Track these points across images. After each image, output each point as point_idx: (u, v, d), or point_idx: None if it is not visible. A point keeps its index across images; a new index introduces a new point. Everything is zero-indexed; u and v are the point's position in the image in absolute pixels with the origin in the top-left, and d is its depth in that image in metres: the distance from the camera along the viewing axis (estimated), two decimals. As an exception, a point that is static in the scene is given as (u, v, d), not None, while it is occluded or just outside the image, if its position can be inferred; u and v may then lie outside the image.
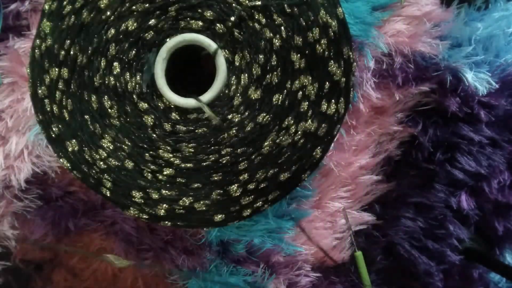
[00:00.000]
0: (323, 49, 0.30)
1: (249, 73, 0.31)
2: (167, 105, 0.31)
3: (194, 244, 0.41)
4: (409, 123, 0.41)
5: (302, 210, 0.41)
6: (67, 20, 0.30)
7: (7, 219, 0.41)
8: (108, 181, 0.31)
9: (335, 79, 0.31)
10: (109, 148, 0.31)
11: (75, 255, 0.42)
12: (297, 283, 0.42)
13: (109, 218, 0.41)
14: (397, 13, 0.39)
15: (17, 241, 0.42)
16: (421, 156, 0.41)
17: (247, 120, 0.31)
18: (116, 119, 0.31)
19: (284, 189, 0.32)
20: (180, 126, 0.31)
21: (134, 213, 0.32)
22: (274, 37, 0.30)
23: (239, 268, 0.41)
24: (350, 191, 0.41)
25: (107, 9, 0.30)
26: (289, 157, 0.31)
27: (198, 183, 0.32)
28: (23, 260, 0.42)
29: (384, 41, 0.38)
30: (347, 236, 0.42)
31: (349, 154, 0.41)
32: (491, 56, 0.39)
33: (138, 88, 0.31)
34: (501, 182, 0.41)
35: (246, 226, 0.40)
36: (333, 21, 0.30)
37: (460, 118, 0.40)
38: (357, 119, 0.40)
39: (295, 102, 0.31)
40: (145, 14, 0.30)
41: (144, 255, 0.42)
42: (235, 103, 0.31)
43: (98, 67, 0.31)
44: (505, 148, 0.41)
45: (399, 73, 0.39)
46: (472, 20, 0.39)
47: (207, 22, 0.31)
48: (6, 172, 0.40)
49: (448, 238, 0.42)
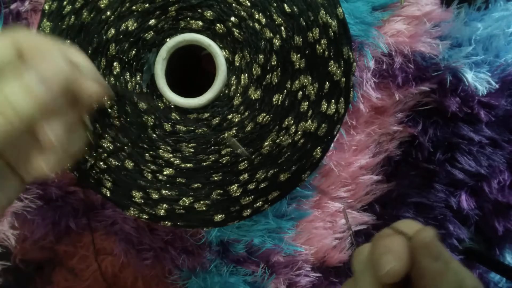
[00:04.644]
0: (323, 49, 0.30)
1: (249, 73, 0.31)
2: (167, 105, 0.31)
3: (194, 244, 0.41)
4: (409, 123, 0.41)
5: (302, 210, 0.41)
6: (67, 20, 0.30)
7: (7, 219, 0.41)
8: (108, 181, 0.31)
9: (335, 79, 0.31)
10: (109, 148, 0.31)
11: (75, 255, 0.42)
12: (297, 283, 0.42)
13: (109, 218, 0.41)
14: (397, 13, 0.39)
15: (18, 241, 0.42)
16: (421, 156, 0.41)
17: (247, 120, 0.31)
18: (116, 119, 0.31)
19: (284, 189, 0.32)
20: (180, 126, 0.31)
21: (134, 213, 0.32)
22: (274, 37, 0.30)
23: (239, 268, 0.41)
24: (350, 191, 0.41)
25: (107, 9, 0.30)
26: (289, 157, 0.31)
27: (198, 183, 0.32)
28: (23, 260, 0.42)
29: (384, 41, 0.38)
30: (347, 236, 0.42)
31: (349, 154, 0.41)
32: (491, 56, 0.39)
33: (138, 88, 0.31)
34: (501, 182, 0.41)
35: (246, 226, 0.40)
36: (333, 21, 0.30)
37: (460, 118, 0.40)
38: (357, 119, 0.40)
39: (295, 102, 0.31)
40: (145, 14, 0.30)
41: (144, 255, 0.41)
42: (235, 103, 0.31)
43: (98, 67, 0.31)
44: (505, 148, 0.41)
45: (399, 73, 0.39)
46: (472, 20, 0.39)
47: (207, 22, 0.31)
48: (6, 172, 0.40)
49: (448, 238, 0.42)
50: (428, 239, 0.20)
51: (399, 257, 0.20)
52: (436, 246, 0.20)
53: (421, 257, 0.20)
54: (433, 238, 0.20)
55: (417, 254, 0.20)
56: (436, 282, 0.19)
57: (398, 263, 0.20)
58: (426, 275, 0.20)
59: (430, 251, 0.19)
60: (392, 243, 0.21)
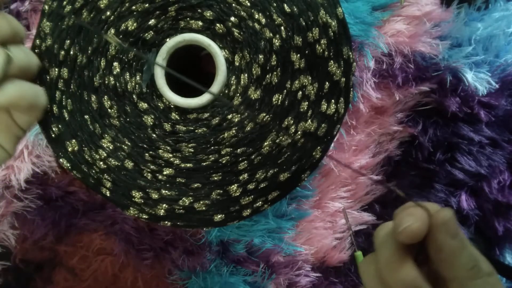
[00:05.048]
0: (323, 49, 0.30)
1: (249, 73, 0.31)
2: (167, 105, 0.31)
3: (194, 244, 0.41)
4: (409, 123, 0.41)
5: (302, 210, 0.41)
6: (67, 20, 0.30)
7: (7, 219, 0.41)
8: (108, 181, 0.31)
9: (335, 79, 0.31)
10: (109, 148, 0.31)
11: (75, 255, 0.42)
12: (297, 283, 0.42)
13: (109, 218, 0.41)
14: (397, 13, 0.39)
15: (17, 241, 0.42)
16: (421, 156, 0.41)
17: (247, 120, 0.31)
18: (116, 119, 0.31)
19: (284, 189, 0.32)
20: (180, 126, 0.31)
21: (134, 213, 0.32)
22: (274, 37, 0.30)
23: (239, 268, 0.41)
24: (350, 191, 0.41)
25: (107, 9, 0.30)
26: (289, 157, 0.31)
27: (198, 183, 0.32)
28: (23, 260, 0.42)
29: (384, 41, 0.38)
30: (347, 236, 0.42)
31: (349, 154, 0.41)
32: (491, 56, 0.39)
33: (138, 88, 0.31)
34: (501, 182, 0.41)
35: (246, 226, 0.40)
36: (333, 21, 0.30)
37: (460, 118, 0.40)
38: (357, 119, 0.40)
39: (295, 102, 0.31)
40: (145, 14, 0.30)
41: (144, 255, 0.41)
42: (235, 103, 0.31)
43: (98, 67, 0.31)
44: (505, 148, 0.41)
45: (399, 73, 0.39)
46: (472, 20, 0.39)
47: (207, 22, 0.31)
48: (6, 172, 0.40)
49: (448, 238, 0.42)
50: (448, 217, 0.21)
51: (419, 219, 0.21)
52: (455, 225, 0.21)
53: (440, 233, 0.21)
54: (453, 217, 0.21)
55: (436, 230, 0.21)
56: (452, 258, 0.21)
57: (417, 222, 0.21)
58: (444, 250, 0.21)
59: (449, 228, 0.21)
60: (414, 209, 0.22)
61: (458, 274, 0.21)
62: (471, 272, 0.21)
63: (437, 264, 0.21)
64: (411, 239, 0.21)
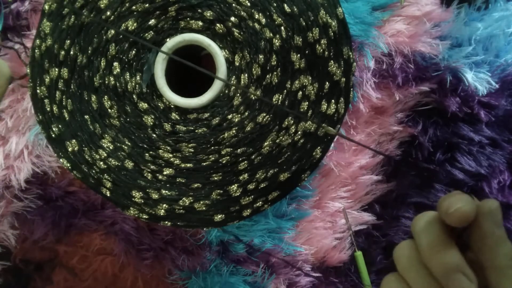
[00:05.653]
0: (323, 49, 0.30)
1: (249, 73, 0.31)
2: (167, 105, 0.31)
3: (194, 244, 0.41)
4: (409, 123, 0.41)
5: (302, 210, 0.41)
6: (67, 20, 0.30)
7: (7, 219, 0.41)
8: (108, 181, 0.31)
9: (335, 79, 0.31)
10: (109, 148, 0.31)
11: (75, 255, 0.42)
12: (297, 283, 0.42)
13: (109, 218, 0.41)
14: (397, 13, 0.39)
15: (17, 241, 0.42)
16: (421, 156, 0.41)
17: (247, 120, 0.31)
18: (116, 119, 0.31)
19: (284, 189, 0.32)
20: (180, 126, 0.31)
21: (134, 213, 0.32)
22: (274, 37, 0.30)
23: (239, 268, 0.41)
24: (350, 191, 0.41)
25: (107, 9, 0.30)
26: (289, 157, 0.31)
27: (198, 183, 0.32)
28: (23, 260, 0.42)
29: (384, 41, 0.38)
30: (347, 236, 0.42)
31: (349, 154, 0.41)
32: (491, 56, 0.39)
33: (138, 88, 0.31)
34: (501, 182, 0.41)
35: (246, 226, 0.40)
36: (333, 21, 0.30)
37: (460, 118, 0.40)
38: (357, 119, 0.40)
39: (295, 102, 0.31)
40: (145, 14, 0.30)
41: (144, 255, 0.41)
42: (235, 103, 0.31)
43: (98, 67, 0.31)
44: (505, 148, 0.41)
45: (399, 73, 0.39)
46: (472, 20, 0.39)
47: (207, 22, 0.31)
48: (6, 172, 0.40)
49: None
50: (495, 206, 0.21)
51: (468, 202, 0.21)
52: (501, 215, 0.21)
53: (486, 221, 0.21)
54: (499, 207, 0.21)
55: (483, 218, 0.21)
56: (495, 247, 0.21)
57: (466, 205, 0.21)
58: (487, 238, 0.21)
59: (495, 217, 0.21)
60: (463, 195, 0.22)
61: (499, 263, 0.21)
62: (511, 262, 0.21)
63: (478, 252, 0.22)
64: (460, 221, 0.21)
